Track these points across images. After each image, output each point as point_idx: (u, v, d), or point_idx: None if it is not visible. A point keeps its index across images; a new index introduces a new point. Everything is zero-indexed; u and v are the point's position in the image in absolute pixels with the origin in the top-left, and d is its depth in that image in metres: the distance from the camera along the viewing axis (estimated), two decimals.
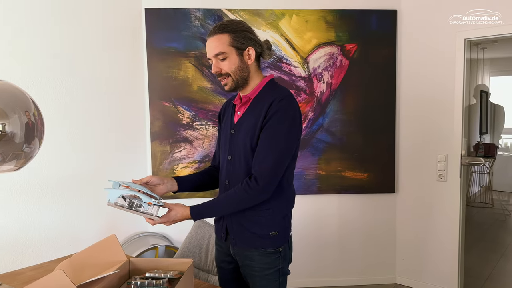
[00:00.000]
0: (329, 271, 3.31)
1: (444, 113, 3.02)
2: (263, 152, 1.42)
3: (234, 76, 1.47)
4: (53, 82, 2.51)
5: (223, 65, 1.46)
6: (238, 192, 1.43)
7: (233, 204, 1.45)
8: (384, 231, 3.32)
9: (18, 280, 1.65)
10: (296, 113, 1.46)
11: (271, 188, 1.43)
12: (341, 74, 3.17)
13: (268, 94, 1.48)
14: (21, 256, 2.36)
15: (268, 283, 1.52)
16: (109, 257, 1.55)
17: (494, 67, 7.24)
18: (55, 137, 2.52)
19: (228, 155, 1.54)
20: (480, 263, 3.78)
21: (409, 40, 3.15)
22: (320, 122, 3.18)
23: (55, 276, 1.24)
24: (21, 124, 1.18)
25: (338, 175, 3.21)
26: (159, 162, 3.08)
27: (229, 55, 1.45)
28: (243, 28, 1.47)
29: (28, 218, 2.40)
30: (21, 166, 1.26)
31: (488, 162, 5.96)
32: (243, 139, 1.48)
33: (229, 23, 1.47)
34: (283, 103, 1.42)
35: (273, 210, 1.50)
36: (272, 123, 1.42)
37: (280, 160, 1.43)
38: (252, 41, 1.48)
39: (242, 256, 1.54)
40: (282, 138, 1.42)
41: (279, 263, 1.53)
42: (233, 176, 1.52)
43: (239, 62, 1.46)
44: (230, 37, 1.44)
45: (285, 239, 1.54)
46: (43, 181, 2.46)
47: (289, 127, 1.43)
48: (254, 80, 1.51)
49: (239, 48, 1.45)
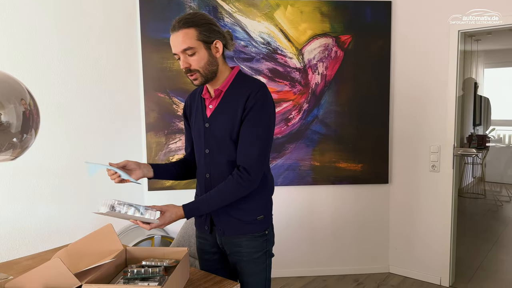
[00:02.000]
0: (323, 261, 3.36)
1: (438, 104, 3.04)
2: (248, 143, 1.45)
3: (203, 71, 1.45)
4: (46, 72, 2.50)
5: (192, 60, 1.43)
6: (230, 184, 1.46)
7: (225, 197, 1.47)
8: (378, 221, 3.36)
9: (15, 269, 1.66)
10: (272, 103, 1.51)
11: (259, 177, 1.49)
12: (335, 65, 3.18)
13: (241, 87, 1.49)
14: (17, 246, 2.37)
15: (256, 266, 1.57)
16: (106, 246, 1.57)
17: (488, 59, 7.28)
18: (50, 128, 2.52)
19: (205, 148, 1.55)
20: (471, 253, 3.84)
21: (404, 32, 3.16)
22: (314, 113, 3.20)
23: (53, 264, 1.26)
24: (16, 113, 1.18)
25: (332, 166, 3.24)
26: (154, 154, 3.08)
27: (197, 49, 1.42)
28: (208, 21, 1.44)
29: (24, 208, 2.41)
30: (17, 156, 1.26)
31: (480, 153, 6.02)
32: (221, 132, 1.50)
33: (193, 16, 1.43)
34: (260, 95, 1.45)
35: (260, 196, 1.56)
36: (252, 115, 1.44)
37: (264, 150, 1.48)
38: (217, 34, 1.46)
39: (230, 244, 1.58)
40: (264, 129, 1.46)
41: (266, 246, 1.60)
42: (214, 169, 1.55)
43: (208, 56, 1.44)
44: (196, 31, 1.41)
45: (269, 221, 1.62)
46: (38, 171, 2.46)
47: (268, 118, 1.47)
48: (222, 72, 1.51)
49: (207, 42, 1.43)
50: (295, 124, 3.19)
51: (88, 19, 2.72)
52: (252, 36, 3.09)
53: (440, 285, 3.13)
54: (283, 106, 3.17)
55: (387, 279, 3.27)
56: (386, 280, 3.25)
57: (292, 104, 3.18)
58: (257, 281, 1.58)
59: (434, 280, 3.16)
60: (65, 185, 2.61)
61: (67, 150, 2.62)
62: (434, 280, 3.16)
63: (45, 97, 2.50)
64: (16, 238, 2.37)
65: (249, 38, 3.09)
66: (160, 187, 3.10)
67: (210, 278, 1.56)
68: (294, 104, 3.18)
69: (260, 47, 3.11)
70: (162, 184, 3.10)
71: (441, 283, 3.13)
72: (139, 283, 1.33)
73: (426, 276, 3.20)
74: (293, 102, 3.18)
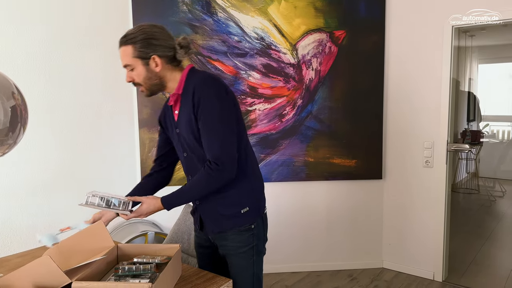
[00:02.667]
0: (317, 256, 3.36)
1: (431, 100, 3.05)
2: (207, 137, 1.46)
3: (145, 85, 1.51)
4: (37, 68, 2.47)
5: (133, 75, 1.49)
6: (201, 176, 1.47)
7: (199, 187, 1.48)
8: (371, 216, 3.37)
9: (5, 266, 1.65)
10: (219, 88, 1.47)
11: (230, 166, 1.45)
12: (329, 61, 3.17)
13: (191, 84, 1.50)
14: (8, 243, 2.35)
15: (243, 261, 1.57)
16: (97, 243, 1.55)
17: (482, 54, 7.30)
18: (42, 124, 2.49)
19: (183, 152, 1.59)
20: (465, 248, 3.86)
21: (398, 27, 3.16)
22: (309, 109, 3.19)
23: (42, 262, 1.25)
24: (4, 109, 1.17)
25: (326, 162, 3.24)
26: (147, 150, 3.07)
27: (135, 66, 1.47)
28: (147, 36, 1.44)
29: (15, 205, 2.38)
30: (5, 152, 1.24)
31: (474, 148, 6.05)
32: (187, 133, 1.52)
33: (132, 33, 1.45)
34: (203, 85, 1.45)
35: (239, 187, 1.54)
36: (202, 108, 1.44)
37: (225, 138, 1.45)
38: (158, 48, 1.46)
39: (218, 238, 1.59)
40: (217, 117, 1.44)
41: (253, 241, 1.57)
42: (193, 170, 1.57)
43: (145, 72, 1.47)
44: (132, 49, 1.44)
45: (257, 214, 1.58)
46: (29, 168, 2.44)
47: (219, 105, 1.44)
48: (173, 79, 1.52)
49: (144, 58, 1.45)
50: (289, 120, 3.18)
51: (79, 15, 2.69)
52: (245, 31, 3.07)
53: (433, 280, 3.15)
54: (277, 102, 3.16)
55: (381, 274, 3.29)
56: (379, 275, 3.27)
57: (286, 100, 3.17)
58: (244, 276, 1.58)
59: (427, 275, 3.18)
60: (57, 182, 2.59)
61: (58, 146, 2.59)
62: (427, 275, 3.18)
63: (36, 93, 2.47)
64: (8, 235, 2.36)
65: (242, 33, 3.07)
66: None
67: (202, 274, 1.55)
68: (288, 100, 3.17)
69: (254, 43, 3.09)
70: None
71: (434, 278, 3.15)
72: (130, 280, 1.32)
73: (420, 271, 3.22)
74: (287, 98, 3.17)
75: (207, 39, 3.04)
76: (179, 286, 1.45)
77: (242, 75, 3.10)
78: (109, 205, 1.44)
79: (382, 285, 3.09)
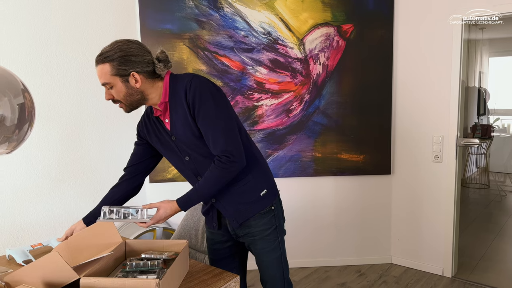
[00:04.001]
0: (325, 252, 3.36)
1: (441, 94, 3.01)
2: (211, 134, 1.46)
3: (125, 102, 1.48)
4: (41, 65, 2.48)
5: (112, 92, 1.47)
6: (213, 171, 1.47)
7: (214, 182, 1.48)
8: (380, 212, 3.35)
9: (14, 262, 1.66)
10: (208, 85, 1.47)
11: (239, 154, 1.47)
12: (337, 55, 3.14)
13: (177, 88, 1.49)
14: (18, 239, 2.38)
15: (269, 244, 1.61)
16: (105, 239, 1.56)
17: (493, 47, 7.19)
18: (46, 122, 2.51)
19: (184, 157, 1.57)
20: (475, 243, 3.83)
21: (406, 20, 3.11)
22: (316, 104, 3.17)
23: (51, 258, 1.26)
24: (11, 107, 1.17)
25: (334, 157, 3.22)
26: None
27: (114, 84, 1.44)
28: (124, 53, 1.42)
29: (24, 202, 2.41)
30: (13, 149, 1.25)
31: (484, 143, 5.97)
32: (186, 137, 1.52)
33: (108, 50, 1.43)
34: (193, 85, 1.45)
35: (254, 171, 1.57)
36: (198, 108, 1.44)
37: (229, 131, 1.47)
38: (136, 64, 1.43)
39: (242, 229, 1.61)
40: (216, 113, 1.45)
41: (275, 221, 1.62)
42: (201, 170, 1.56)
43: (125, 89, 1.45)
44: (110, 66, 1.41)
45: (274, 194, 1.63)
46: (38, 165, 2.46)
47: (213, 100, 1.45)
48: (154, 91, 1.50)
49: (123, 75, 1.43)
50: (297, 115, 3.17)
51: (85, 10, 2.69)
52: (252, 26, 3.05)
53: (442, 275, 3.13)
54: (284, 97, 3.15)
55: (389, 269, 3.27)
56: (388, 270, 3.25)
57: (293, 95, 3.15)
58: (271, 259, 1.61)
59: (436, 270, 3.16)
60: (65, 178, 2.61)
61: (65, 143, 2.61)
62: (436, 270, 3.16)
63: (40, 91, 2.48)
64: (17, 231, 2.38)
65: (249, 28, 3.05)
66: (161, 179, 3.10)
67: (209, 270, 1.55)
68: (296, 95, 3.15)
69: (261, 37, 3.07)
70: (164, 177, 3.10)
71: (444, 274, 3.13)
72: (138, 276, 1.32)
73: (429, 266, 3.20)
74: (294, 93, 3.15)
75: (214, 34, 3.03)
76: (187, 282, 1.45)
77: (249, 71, 3.09)
78: (126, 217, 1.44)
79: (390, 280, 3.08)
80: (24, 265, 1.58)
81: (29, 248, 1.73)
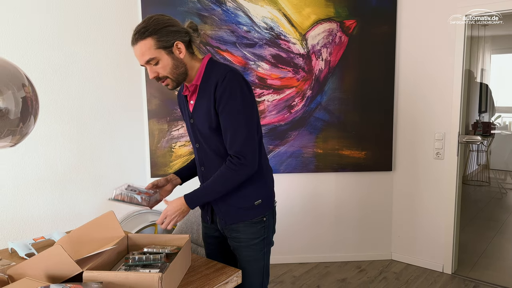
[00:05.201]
0: (325, 247, 3.36)
1: (443, 91, 3.00)
2: (230, 132, 1.44)
3: (172, 76, 1.45)
4: (43, 59, 2.47)
5: (157, 68, 1.43)
6: (224, 172, 1.47)
7: (223, 183, 1.47)
8: (381, 208, 3.35)
9: (17, 255, 1.67)
10: (241, 84, 1.45)
11: (253, 160, 1.46)
12: (340, 51, 3.13)
13: (211, 76, 1.47)
14: (20, 233, 2.39)
15: (254, 253, 1.58)
16: (107, 233, 1.57)
17: (495, 44, 7.16)
18: (50, 116, 2.51)
19: (195, 143, 1.58)
20: (475, 240, 3.83)
21: (409, 17, 3.10)
22: (318, 100, 3.17)
23: (54, 251, 1.26)
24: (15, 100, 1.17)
25: (335, 154, 3.22)
26: (157, 141, 3.07)
27: (160, 58, 1.41)
28: (163, 24, 1.40)
29: (26, 195, 2.41)
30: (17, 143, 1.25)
31: (485, 140, 5.97)
32: (202, 125, 1.51)
33: (147, 25, 1.40)
34: (227, 80, 1.42)
35: (251, 179, 1.53)
36: (225, 103, 1.42)
37: (248, 134, 1.45)
38: (176, 34, 1.42)
39: (229, 230, 1.59)
40: (241, 113, 1.44)
41: (264, 233, 1.59)
42: (206, 162, 1.56)
43: (172, 61, 1.43)
44: (153, 40, 1.39)
45: (268, 207, 1.60)
46: (41, 159, 2.46)
47: (241, 101, 1.43)
48: (193, 68, 1.50)
49: (167, 47, 1.41)
50: (298, 111, 3.16)
51: (88, 6, 2.68)
52: (254, 21, 3.04)
53: (442, 272, 3.14)
54: (286, 93, 3.14)
55: (390, 266, 3.28)
56: (388, 267, 3.26)
57: (295, 91, 3.14)
58: (255, 268, 1.59)
59: (436, 267, 3.17)
60: (68, 172, 2.62)
61: (68, 137, 2.61)
62: (436, 267, 3.17)
63: (45, 84, 2.48)
64: (20, 224, 2.39)
65: (251, 23, 3.04)
66: (163, 174, 3.10)
67: (211, 265, 1.56)
68: (297, 91, 3.15)
69: (263, 33, 3.06)
70: (165, 171, 3.10)
71: (444, 271, 3.14)
72: (140, 270, 1.33)
73: (429, 263, 3.21)
74: (296, 88, 3.14)
75: (216, 29, 3.02)
76: (189, 276, 1.45)
77: (251, 66, 3.08)
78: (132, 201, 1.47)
79: (390, 276, 3.09)
80: (26, 258, 1.59)
81: (31, 241, 1.73)
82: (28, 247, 1.68)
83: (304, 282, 3.01)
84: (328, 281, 3.02)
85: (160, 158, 3.09)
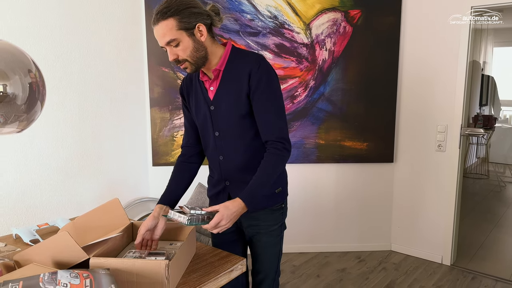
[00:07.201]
0: (325, 237, 3.38)
1: (446, 84, 2.99)
2: (271, 119, 1.45)
3: (192, 59, 1.40)
4: (48, 47, 2.45)
5: (178, 50, 1.38)
6: (271, 158, 1.44)
7: (273, 171, 1.45)
8: (381, 199, 3.36)
9: (22, 241, 1.67)
10: (275, 72, 1.49)
11: (290, 146, 1.50)
12: (344, 41, 3.11)
13: (240, 63, 1.45)
14: (24, 219, 2.39)
15: (272, 238, 1.62)
16: (112, 220, 1.57)
17: (498, 37, 7.13)
18: (54, 103, 2.50)
19: (214, 131, 1.53)
20: (473, 233, 3.86)
21: (414, 7, 3.08)
22: (321, 91, 3.15)
23: (61, 237, 1.26)
24: (22, 85, 1.16)
25: (337, 145, 3.22)
26: (158, 129, 3.07)
27: (181, 39, 1.36)
28: (186, 5, 1.36)
29: (28, 182, 2.41)
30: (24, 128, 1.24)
31: (486, 133, 5.98)
32: (228, 111, 1.47)
33: (169, 5, 1.35)
34: (262, 68, 1.43)
35: None
36: (263, 90, 1.43)
37: (285, 120, 1.50)
38: (199, 16, 1.38)
39: (247, 218, 1.59)
40: (278, 100, 1.47)
41: (282, 218, 1.64)
42: (226, 150, 1.53)
43: (193, 43, 1.39)
44: (175, 21, 1.34)
45: (286, 193, 1.65)
46: (44, 145, 2.46)
47: (277, 88, 1.48)
48: (214, 53, 1.46)
49: (189, 29, 1.37)
50: (301, 101, 3.15)
51: None
52: (258, 10, 3.02)
53: (441, 263, 3.17)
54: (289, 82, 3.13)
55: (389, 256, 3.31)
56: (388, 257, 3.29)
57: (298, 81, 3.13)
58: (271, 253, 1.63)
59: (435, 258, 3.19)
60: (71, 159, 2.61)
61: (71, 124, 2.60)
62: (435, 258, 3.19)
63: (47, 72, 2.46)
64: (23, 211, 2.39)
65: (255, 12, 3.01)
66: (164, 162, 3.10)
67: (216, 253, 1.56)
68: (301, 81, 3.13)
69: (267, 21, 3.04)
70: (167, 160, 3.10)
71: (443, 262, 3.16)
72: (147, 258, 1.33)
73: (428, 254, 3.23)
74: (299, 78, 3.13)
75: None
76: (194, 264, 1.46)
77: None
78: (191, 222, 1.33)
79: (390, 267, 3.11)
80: (31, 245, 1.59)
81: (35, 227, 1.73)
82: (33, 233, 1.68)
83: (303, 272, 3.03)
84: (327, 271, 3.05)
85: (161, 147, 3.08)
